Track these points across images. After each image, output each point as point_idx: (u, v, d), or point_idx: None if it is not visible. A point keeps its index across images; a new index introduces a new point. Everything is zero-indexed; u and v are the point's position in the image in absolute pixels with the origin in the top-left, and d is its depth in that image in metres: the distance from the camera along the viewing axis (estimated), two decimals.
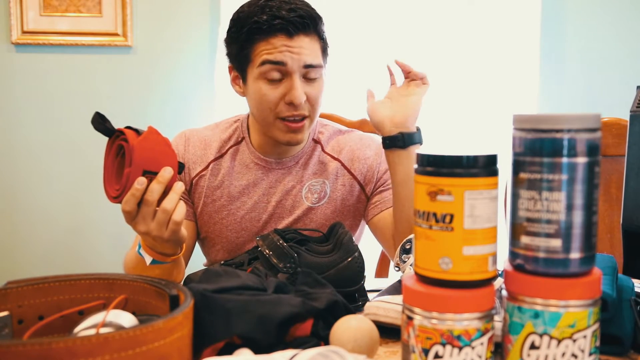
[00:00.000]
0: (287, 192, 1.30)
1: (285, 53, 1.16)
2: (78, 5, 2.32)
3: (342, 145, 1.34)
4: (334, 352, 0.64)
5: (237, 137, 1.33)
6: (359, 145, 1.34)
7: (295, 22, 1.16)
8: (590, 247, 0.65)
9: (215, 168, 1.30)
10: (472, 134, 2.34)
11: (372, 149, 1.34)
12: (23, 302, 0.75)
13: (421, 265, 0.67)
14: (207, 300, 0.74)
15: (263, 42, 1.17)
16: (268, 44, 1.17)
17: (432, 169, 0.65)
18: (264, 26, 1.16)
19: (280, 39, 1.16)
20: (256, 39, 1.18)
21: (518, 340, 0.65)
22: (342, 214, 1.32)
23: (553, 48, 2.39)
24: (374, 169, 1.33)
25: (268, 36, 1.17)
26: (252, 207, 1.30)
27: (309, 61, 1.18)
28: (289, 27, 1.15)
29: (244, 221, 1.30)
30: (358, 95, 2.28)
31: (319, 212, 1.30)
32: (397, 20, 2.33)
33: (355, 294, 1.02)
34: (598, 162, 0.65)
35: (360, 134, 1.38)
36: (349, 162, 1.33)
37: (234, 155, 1.31)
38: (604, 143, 0.99)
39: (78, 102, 2.37)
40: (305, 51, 1.17)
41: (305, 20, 1.17)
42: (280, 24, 1.15)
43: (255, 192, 1.30)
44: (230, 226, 1.30)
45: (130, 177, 0.91)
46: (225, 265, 1.00)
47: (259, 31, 1.17)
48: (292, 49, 1.16)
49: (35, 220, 2.40)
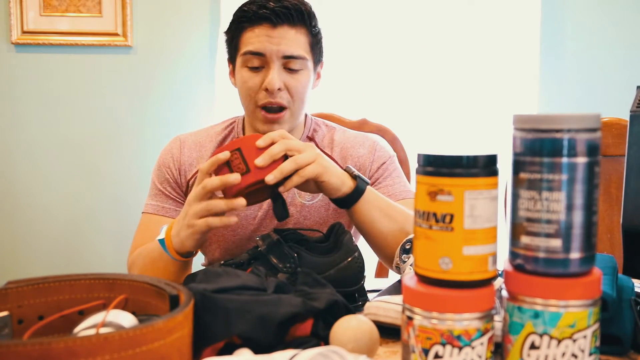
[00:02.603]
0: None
1: (265, 43, 1.20)
2: (78, 5, 2.32)
3: (335, 142, 1.35)
4: (334, 352, 0.64)
5: (233, 138, 1.35)
6: (352, 143, 1.34)
7: (279, 13, 1.19)
8: (590, 247, 0.65)
9: None
10: (472, 134, 2.34)
11: (365, 147, 1.34)
12: (23, 302, 0.75)
13: (421, 265, 0.67)
14: (207, 300, 0.74)
15: (249, 30, 1.22)
16: (252, 32, 1.21)
17: (432, 169, 0.65)
18: (250, 14, 1.21)
19: (263, 28, 1.20)
20: (243, 27, 1.23)
21: (518, 340, 0.65)
22: (336, 211, 1.31)
23: (553, 48, 2.39)
24: (366, 167, 1.32)
25: (253, 25, 1.21)
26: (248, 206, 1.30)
27: (289, 52, 1.20)
28: (271, 16, 1.19)
29: (240, 219, 1.29)
30: (358, 95, 2.29)
31: (313, 210, 1.30)
32: (397, 20, 2.33)
33: (355, 294, 1.02)
34: (598, 162, 0.65)
35: (355, 133, 1.38)
36: (341, 160, 1.33)
37: None
38: (604, 143, 0.99)
39: (78, 102, 2.37)
40: (285, 41, 1.20)
41: (289, 11, 1.19)
42: (265, 13, 1.19)
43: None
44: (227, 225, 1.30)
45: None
46: (225, 265, 1.00)
47: (246, 19, 1.22)
48: (272, 40, 1.20)
49: (35, 220, 2.40)
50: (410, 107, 2.32)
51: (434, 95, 2.34)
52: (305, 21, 1.23)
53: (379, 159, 1.33)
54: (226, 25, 1.28)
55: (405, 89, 2.33)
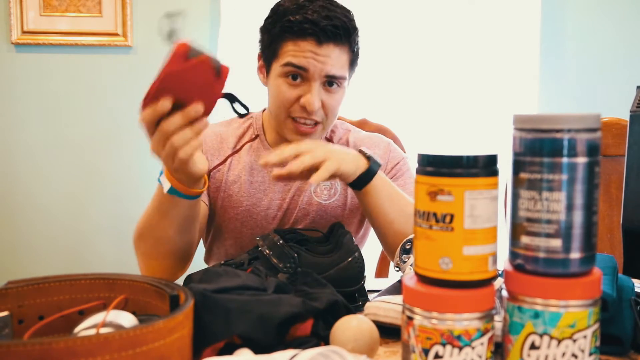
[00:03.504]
0: (299, 189, 1.31)
1: (310, 60, 1.15)
2: (78, 5, 2.32)
3: (351, 144, 1.36)
4: (334, 352, 0.64)
5: (252, 134, 1.34)
6: (368, 145, 1.35)
7: (327, 31, 1.14)
8: (591, 247, 0.65)
9: (233, 163, 1.31)
10: (472, 134, 2.34)
11: (380, 147, 1.35)
12: (23, 302, 0.75)
13: (421, 265, 0.67)
14: (207, 300, 0.74)
15: (291, 42, 1.16)
16: (296, 45, 1.16)
17: (432, 169, 0.65)
18: (295, 27, 1.15)
19: (308, 43, 1.15)
20: (286, 37, 1.17)
21: (518, 340, 0.65)
22: (351, 211, 1.33)
23: (553, 48, 2.39)
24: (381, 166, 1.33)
25: (297, 38, 1.15)
26: (269, 204, 1.30)
27: (332, 72, 1.17)
28: (319, 34, 1.14)
29: (259, 218, 1.30)
30: (358, 95, 2.28)
31: (330, 210, 1.31)
32: (397, 20, 2.33)
33: (355, 294, 1.02)
34: (598, 162, 0.65)
35: (368, 134, 1.40)
36: None
37: (249, 151, 1.32)
38: (604, 143, 0.99)
39: (78, 102, 2.37)
40: (330, 61, 1.16)
41: (338, 30, 1.15)
42: (312, 29, 1.13)
43: (271, 189, 1.30)
44: (245, 222, 1.30)
45: (157, 94, 0.89)
46: (225, 265, 1.00)
47: (290, 30, 1.16)
48: (318, 57, 1.15)
49: (35, 220, 2.40)
50: (410, 107, 2.32)
51: (434, 95, 2.34)
52: (350, 39, 1.18)
53: (394, 159, 1.35)
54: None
55: (405, 89, 2.33)
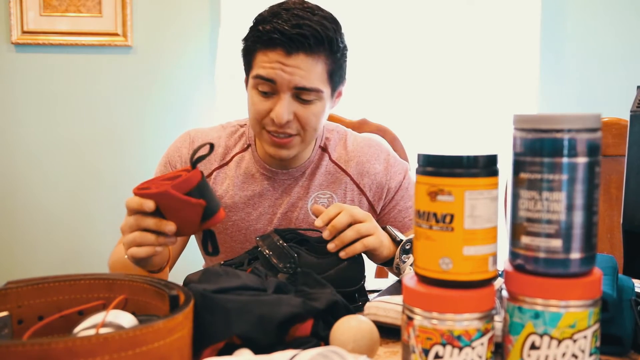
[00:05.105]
0: (293, 204, 1.27)
1: (277, 71, 1.11)
2: (78, 5, 2.32)
3: (350, 155, 1.30)
4: (334, 352, 0.64)
5: (243, 145, 1.29)
6: (367, 156, 1.30)
7: (295, 40, 1.09)
8: (591, 247, 0.65)
9: (219, 176, 1.27)
10: (472, 134, 2.34)
11: (380, 161, 1.30)
12: (23, 302, 0.75)
13: (421, 265, 0.67)
14: (207, 300, 0.74)
15: (262, 53, 1.13)
16: (265, 56, 1.12)
17: (432, 169, 0.65)
18: (265, 37, 1.11)
19: (277, 54, 1.11)
20: (257, 47, 1.14)
21: (518, 340, 0.65)
22: None
23: (553, 48, 2.39)
24: (383, 185, 1.29)
25: (266, 48, 1.12)
26: (257, 218, 1.27)
27: (302, 83, 1.11)
28: (287, 43, 1.09)
29: (248, 232, 1.27)
30: (358, 95, 2.29)
31: None
32: (397, 20, 2.33)
33: (355, 294, 1.02)
34: (598, 162, 0.65)
35: (368, 142, 1.33)
36: (358, 177, 1.29)
37: (239, 163, 1.28)
38: (604, 143, 0.99)
39: (78, 102, 2.37)
40: (299, 72, 1.11)
41: (307, 40, 1.09)
42: (280, 39, 1.09)
43: (261, 203, 1.27)
44: (234, 236, 1.28)
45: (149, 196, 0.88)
46: (225, 266, 1.00)
47: (260, 41, 1.13)
48: (285, 68, 1.10)
49: (35, 220, 2.40)
50: (410, 107, 2.32)
51: (434, 95, 2.34)
52: (325, 48, 1.12)
53: (396, 175, 1.30)
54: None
55: (405, 89, 2.33)
